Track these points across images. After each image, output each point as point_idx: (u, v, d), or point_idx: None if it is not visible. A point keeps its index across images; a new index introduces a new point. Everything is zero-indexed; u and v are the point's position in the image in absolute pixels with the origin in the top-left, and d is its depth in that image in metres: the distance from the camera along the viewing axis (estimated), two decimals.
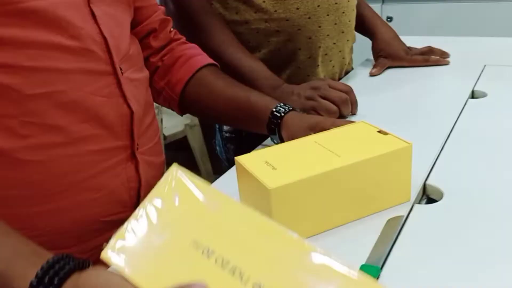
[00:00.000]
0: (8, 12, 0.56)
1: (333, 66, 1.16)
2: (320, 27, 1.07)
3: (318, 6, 1.06)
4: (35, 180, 0.61)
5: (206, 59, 0.91)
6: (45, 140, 0.61)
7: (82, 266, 0.44)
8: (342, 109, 0.92)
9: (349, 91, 0.93)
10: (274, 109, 0.83)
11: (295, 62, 1.10)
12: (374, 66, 1.26)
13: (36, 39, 0.59)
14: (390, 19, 2.54)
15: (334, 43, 1.12)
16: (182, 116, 0.96)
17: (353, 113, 0.95)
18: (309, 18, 1.06)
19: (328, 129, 0.74)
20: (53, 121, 0.61)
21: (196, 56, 0.90)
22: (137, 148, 0.73)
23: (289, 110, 0.83)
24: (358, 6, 1.20)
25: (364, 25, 1.29)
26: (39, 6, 0.58)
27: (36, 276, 0.43)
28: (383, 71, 1.26)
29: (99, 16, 0.67)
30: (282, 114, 0.82)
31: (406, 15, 2.49)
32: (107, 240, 0.44)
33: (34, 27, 0.58)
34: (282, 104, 0.85)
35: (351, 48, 1.25)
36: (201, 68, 0.88)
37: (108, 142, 0.67)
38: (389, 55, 1.26)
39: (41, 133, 0.61)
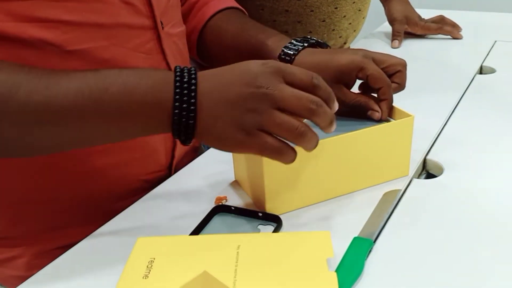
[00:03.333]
0: None
1: (343, 46, 1.08)
2: (336, 8, 0.97)
3: None
4: None
5: (220, 4, 0.82)
6: None
7: None
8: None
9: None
10: (283, 50, 0.69)
11: None
12: (393, 37, 1.21)
13: None
14: None
15: (350, 23, 1.03)
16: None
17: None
18: None
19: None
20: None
21: (212, 1, 0.83)
22: None
23: (303, 47, 0.69)
24: None
25: None
26: None
27: (175, 68, 0.49)
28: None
29: None
30: (292, 56, 0.68)
31: None
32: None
33: None
34: (297, 40, 0.70)
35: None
36: (214, 14, 0.81)
37: None
38: (405, 17, 1.21)
39: None
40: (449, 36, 1.23)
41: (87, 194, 0.64)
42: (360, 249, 0.52)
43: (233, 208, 0.59)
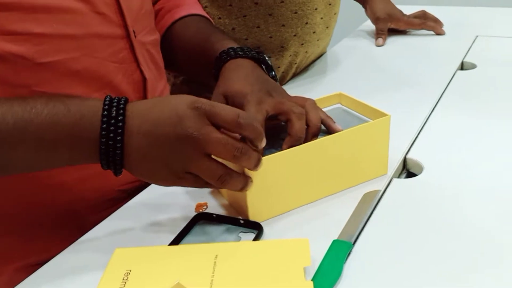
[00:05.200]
0: None
1: (318, 47, 1.05)
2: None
3: None
4: None
5: (181, 11, 0.81)
6: None
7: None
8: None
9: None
10: (223, 51, 0.69)
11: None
12: (377, 35, 1.21)
13: (45, 2, 0.56)
14: None
15: (322, 18, 0.99)
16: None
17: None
18: None
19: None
20: (67, 90, 0.59)
21: (174, 9, 0.83)
22: None
23: (243, 56, 0.67)
24: None
25: None
26: None
27: (105, 99, 0.50)
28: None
29: None
30: (228, 58, 0.67)
31: None
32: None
33: None
34: (241, 47, 0.69)
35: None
36: (175, 21, 0.80)
37: None
38: (388, 14, 1.22)
39: None
40: (429, 32, 1.24)
41: (63, 206, 0.63)
42: (339, 252, 0.52)
43: (214, 215, 0.59)
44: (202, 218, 0.59)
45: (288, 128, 0.58)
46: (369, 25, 1.28)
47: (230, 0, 0.90)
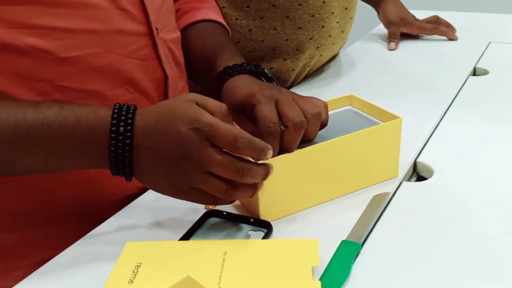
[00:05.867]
0: None
1: (332, 50, 1.04)
2: (324, 2, 0.94)
3: None
4: None
5: (196, 16, 0.81)
6: None
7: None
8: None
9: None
10: (229, 65, 0.69)
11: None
12: (389, 39, 1.21)
13: None
14: None
15: (338, 22, 0.99)
16: None
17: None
18: None
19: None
20: (89, 86, 0.59)
21: (191, 12, 0.83)
22: None
23: (246, 71, 0.68)
24: None
25: None
26: None
27: (113, 112, 0.51)
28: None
29: None
30: (230, 74, 0.67)
31: None
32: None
33: None
34: (239, 64, 0.69)
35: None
36: (187, 26, 0.81)
37: (144, 107, 0.60)
38: (400, 19, 1.21)
39: (77, 98, 0.58)
40: (442, 37, 1.24)
41: (81, 202, 0.64)
42: (347, 253, 0.52)
43: (224, 213, 0.60)
44: (212, 215, 0.60)
45: (284, 135, 0.58)
46: (381, 28, 1.28)
47: (248, 2, 0.91)
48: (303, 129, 0.58)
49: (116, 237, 0.58)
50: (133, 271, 0.48)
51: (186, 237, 0.56)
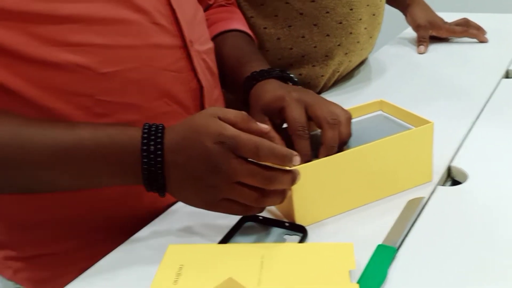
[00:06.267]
0: None
1: (361, 56, 1.05)
2: (352, 9, 0.94)
3: None
4: None
5: (223, 26, 0.84)
6: (121, 118, 0.61)
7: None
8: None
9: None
10: (255, 71, 0.71)
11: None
12: (419, 42, 1.21)
13: (103, 15, 0.59)
14: None
15: (366, 28, 0.99)
16: None
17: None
18: None
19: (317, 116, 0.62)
20: (127, 99, 0.62)
21: (218, 22, 0.85)
22: None
23: (273, 76, 0.70)
24: None
25: None
26: None
27: (143, 131, 0.53)
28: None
29: None
30: (257, 79, 0.70)
31: None
32: None
33: (100, 2, 0.59)
34: (265, 70, 0.71)
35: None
36: (214, 37, 0.83)
37: (181, 118, 0.63)
38: (429, 22, 1.21)
39: (117, 111, 0.61)
40: (473, 40, 1.22)
41: (126, 212, 0.66)
42: (383, 257, 0.53)
43: (260, 217, 0.61)
44: (248, 220, 0.61)
45: (321, 137, 0.60)
46: (410, 32, 1.28)
47: (276, 11, 0.92)
48: (337, 127, 0.59)
49: (155, 242, 0.60)
50: (177, 273, 0.49)
51: (224, 240, 0.58)
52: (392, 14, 1.33)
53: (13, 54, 0.55)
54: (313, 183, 0.58)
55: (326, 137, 0.60)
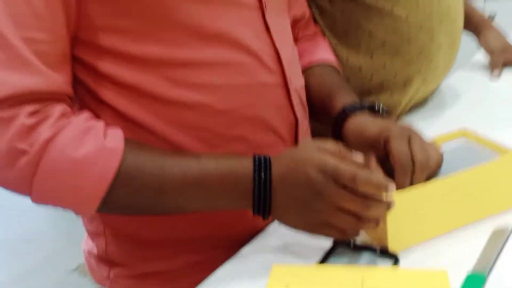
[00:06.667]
0: (200, 35, 0.64)
1: (437, 83, 1.08)
2: (432, 37, 0.97)
3: (430, 14, 0.95)
4: None
5: (311, 58, 0.89)
6: (231, 148, 0.69)
7: None
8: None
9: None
10: (347, 104, 0.77)
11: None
12: (492, 66, 1.23)
13: (223, 59, 0.66)
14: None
15: (444, 56, 1.02)
16: None
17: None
18: (421, 27, 0.95)
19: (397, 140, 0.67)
20: (238, 132, 0.69)
21: (305, 54, 0.90)
22: None
23: (364, 109, 0.76)
24: None
25: (471, 19, 1.26)
26: (220, 29, 0.65)
27: (254, 163, 0.61)
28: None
29: (273, 28, 0.71)
30: (350, 112, 0.76)
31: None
32: None
33: (220, 48, 0.66)
34: (356, 102, 0.77)
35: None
36: (303, 68, 0.88)
37: (281, 149, 0.73)
38: (503, 47, 1.23)
39: (228, 142, 0.69)
40: None
41: (226, 231, 0.73)
42: (474, 286, 0.57)
43: (352, 242, 0.66)
44: (341, 244, 0.67)
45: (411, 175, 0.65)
46: (480, 58, 1.29)
47: (359, 40, 0.96)
48: (427, 171, 0.65)
49: (259, 259, 0.67)
50: None
51: (322, 262, 0.63)
52: (464, 39, 1.35)
53: (150, 95, 0.65)
54: (407, 211, 0.63)
55: (413, 178, 0.65)
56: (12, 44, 0.56)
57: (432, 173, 0.67)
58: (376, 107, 0.77)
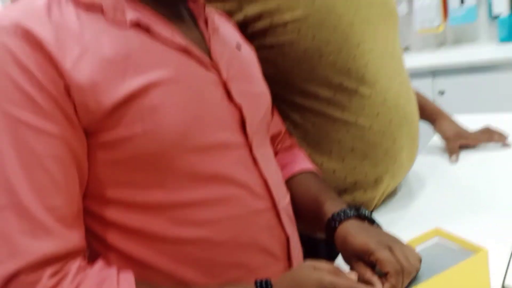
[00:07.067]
0: (200, 178, 0.71)
1: (403, 176, 1.17)
2: (395, 140, 1.07)
3: (390, 121, 1.06)
4: None
5: (293, 168, 0.97)
6: (230, 275, 0.74)
7: None
8: None
9: None
10: (335, 212, 0.82)
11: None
12: (449, 152, 1.35)
13: (218, 195, 0.73)
14: (441, 93, 2.62)
15: (407, 154, 1.13)
16: None
17: None
18: (383, 133, 1.06)
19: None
20: (235, 259, 0.75)
21: (287, 166, 0.98)
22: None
23: (351, 216, 0.80)
24: None
25: (425, 110, 1.40)
26: (216, 170, 0.73)
27: (256, 284, 0.69)
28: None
29: (259, 160, 0.79)
30: (339, 221, 0.80)
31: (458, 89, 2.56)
32: None
33: (215, 185, 0.73)
34: (349, 209, 0.82)
35: None
36: (287, 179, 0.96)
37: (276, 268, 0.80)
38: (457, 133, 1.37)
39: (227, 270, 0.74)
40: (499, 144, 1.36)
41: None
42: None
43: None
44: None
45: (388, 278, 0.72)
46: (436, 140, 1.41)
47: (331, 148, 1.07)
48: (413, 275, 0.72)
49: None
50: None
51: None
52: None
53: (154, 236, 0.71)
54: None
55: (393, 283, 0.71)
56: (35, 215, 0.61)
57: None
58: (362, 215, 0.83)
